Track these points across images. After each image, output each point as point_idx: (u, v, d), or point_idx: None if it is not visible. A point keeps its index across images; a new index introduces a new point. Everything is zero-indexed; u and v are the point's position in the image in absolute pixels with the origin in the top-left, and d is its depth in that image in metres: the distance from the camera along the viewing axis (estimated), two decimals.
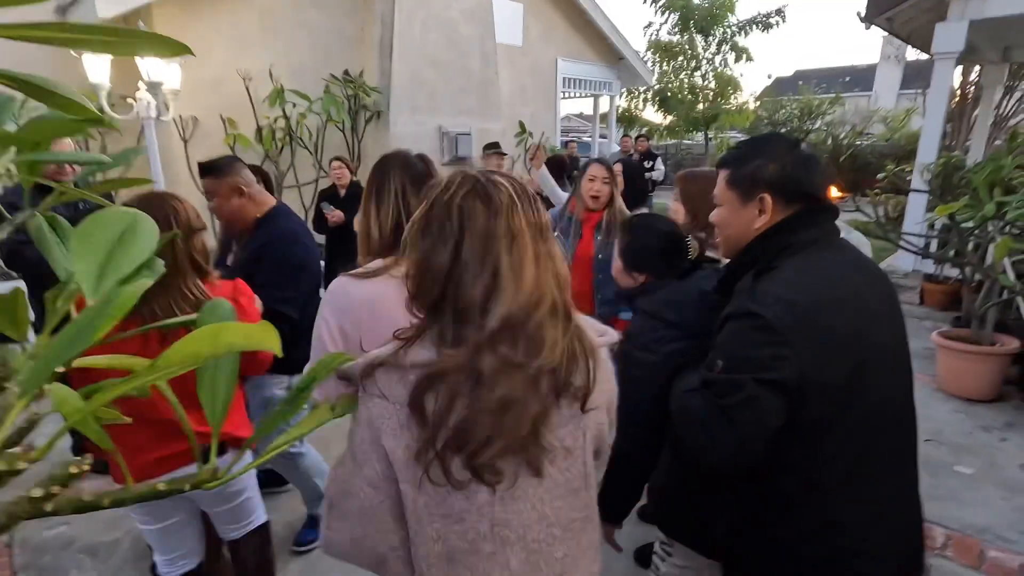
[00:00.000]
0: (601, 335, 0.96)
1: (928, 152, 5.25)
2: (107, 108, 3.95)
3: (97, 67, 3.77)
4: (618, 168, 2.99)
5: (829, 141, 15.84)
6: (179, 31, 5.06)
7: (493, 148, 5.05)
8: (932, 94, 5.25)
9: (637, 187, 3.19)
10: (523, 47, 8.16)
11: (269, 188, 3.98)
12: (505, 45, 7.58)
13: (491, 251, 0.82)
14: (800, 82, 23.52)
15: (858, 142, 15.46)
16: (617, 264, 1.66)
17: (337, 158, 4.66)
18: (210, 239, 1.83)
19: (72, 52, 3.78)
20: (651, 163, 8.50)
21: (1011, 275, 3.53)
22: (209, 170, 2.19)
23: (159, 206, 1.51)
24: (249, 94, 5.44)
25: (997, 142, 9.09)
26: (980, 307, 3.75)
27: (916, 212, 5.32)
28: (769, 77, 25.74)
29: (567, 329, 0.86)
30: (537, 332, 0.82)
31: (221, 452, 1.63)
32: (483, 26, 6.76)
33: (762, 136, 1.31)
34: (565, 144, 9.14)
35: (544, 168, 3.47)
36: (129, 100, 4.06)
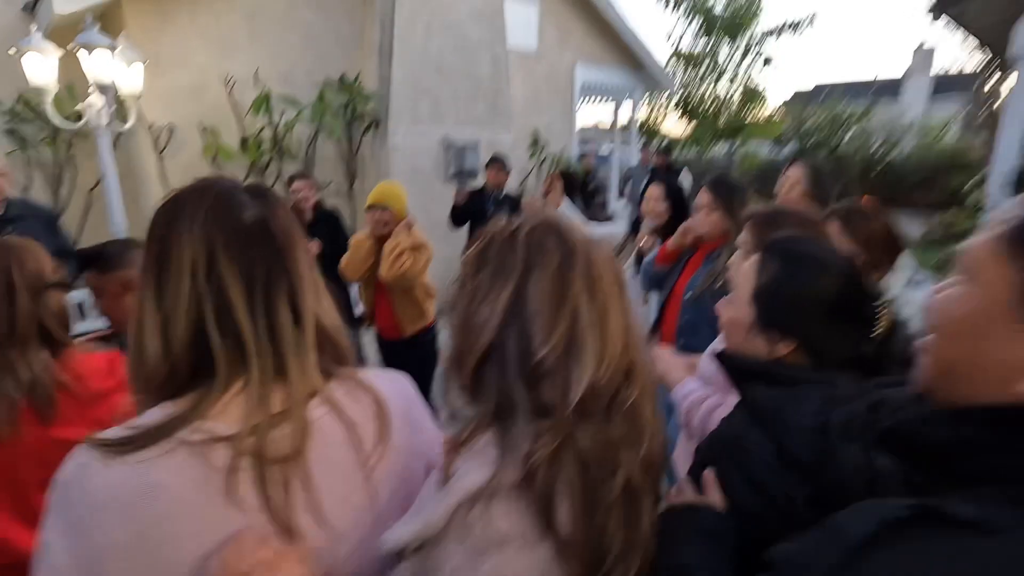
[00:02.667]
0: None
1: (1005, 163, 4.53)
2: (52, 115, 3.41)
3: (38, 66, 3.23)
4: (657, 193, 2.49)
5: (859, 153, 15.05)
6: (153, 31, 4.56)
7: (495, 161, 4.44)
8: (1012, 98, 4.55)
9: (685, 212, 2.61)
10: (538, 52, 7.58)
11: None
12: (518, 50, 7.01)
13: (567, 296, 0.65)
14: (822, 97, 22.72)
15: (892, 154, 14.65)
16: (740, 312, 0.99)
17: (300, 175, 3.82)
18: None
19: (10, 51, 3.26)
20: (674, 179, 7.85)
21: None
22: (91, 261, 1.62)
23: None
24: (233, 100, 4.91)
25: None
26: None
27: None
28: (791, 92, 24.92)
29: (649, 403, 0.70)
30: (632, 408, 0.66)
31: None
32: (493, 29, 6.19)
33: None
34: (580, 157, 8.51)
35: (565, 200, 2.95)
36: (77, 107, 3.52)
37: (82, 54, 3.24)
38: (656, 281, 2.45)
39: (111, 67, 3.36)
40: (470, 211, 4.33)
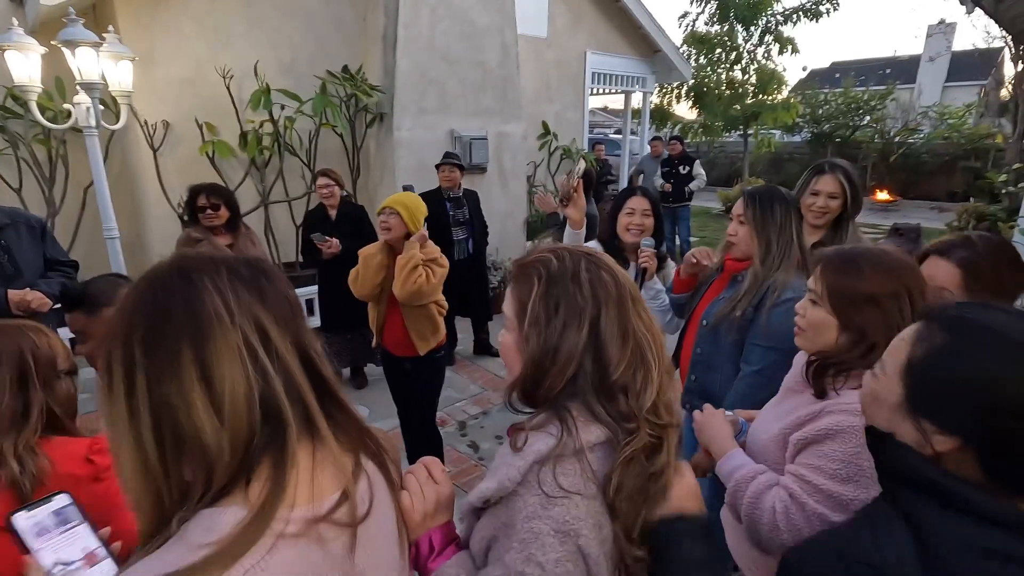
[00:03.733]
0: None
1: None
2: (37, 114, 3.21)
3: (21, 64, 3.03)
4: (644, 206, 2.39)
5: (877, 139, 14.64)
6: (146, 22, 4.33)
7: (447, 160, 4.19)
8: None
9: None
10: (548, 39, 7.28)
11: (233, 213, 3.23)
12: (528, 36, 6.71)
13: (628, 320, 0.82)
14: (837, 75, 22.14)
15: (911, 140, 14.24)
16: (887, 386, 0.80)
17: (323, 172, 3.85)
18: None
19: None
20: (687, 168, 7.54)
21: None
22: (77, 302, 1.46)
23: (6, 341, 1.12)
24: (231, 94, 4.69)
25: None
26: None
27: None
28: (804, 70, 24.23)
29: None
30: (668, 398, 0.84)
31: None
32: (502, 15, 5.90)
33: None
34: (592, 146, 8.23)
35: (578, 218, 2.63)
36: (66, 106, 3.32)
37: (66, 52, 3.03)
38: (679, 308, 2.24)
39: (98, 65, 3.14)
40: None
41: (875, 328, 1.08)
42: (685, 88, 11.04)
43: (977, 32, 24.44)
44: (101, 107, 3.27)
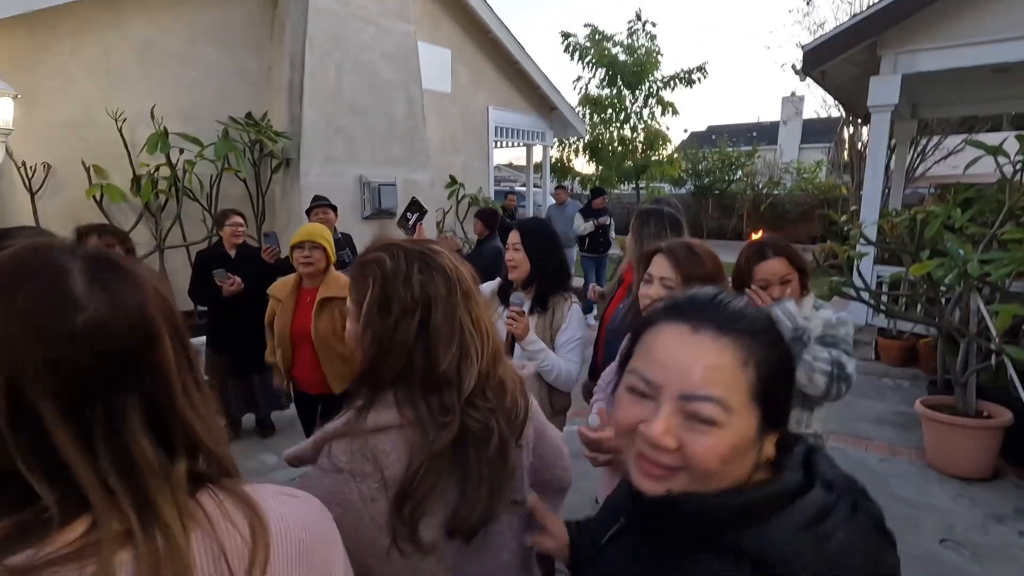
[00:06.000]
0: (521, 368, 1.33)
1: (872, 205, 5.14)
2: None
3: None
4: (515, 239, 2.07)
5: (748, 191, 16.59)
6: (27, 60, 4.15)
7: (319, 201, 4.13)
8: (872, 146, 5.20)
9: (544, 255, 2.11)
10: (452, 94, 7.72)
11: (129, 254, 3.11)
12: (433, 91, 7.09)
13: (455, 317, 0.88)
14: (713, 136, 24.96)
15: (776, 191, 16.26)
16: (733, 434, 0.60)
17: (234, 211, 3.76)
18: None
19: None
20: (609, 219, 7.52)
21: (995, 333, 3.23)
22: None
23: None
24: (123, 137, 4.53)
25: (907, 192, 9.57)
26: (962, 371, 3.43)
27: (865, 265, 5.16)
28: (685, 132, 27.18)
29: (509, 369, 0.97)
30: (499, 380, 0.92)
31: None
32: (407, 70, 6.23)
33: None
34: (505, 195, 8.62)
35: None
36: None
37: None
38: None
39: None
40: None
41: None
42: (582, 143, 11.97)
43: (815, 100, 28.73)
44: None
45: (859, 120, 9.57)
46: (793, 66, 5.12)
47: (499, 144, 9.19)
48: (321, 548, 0.61)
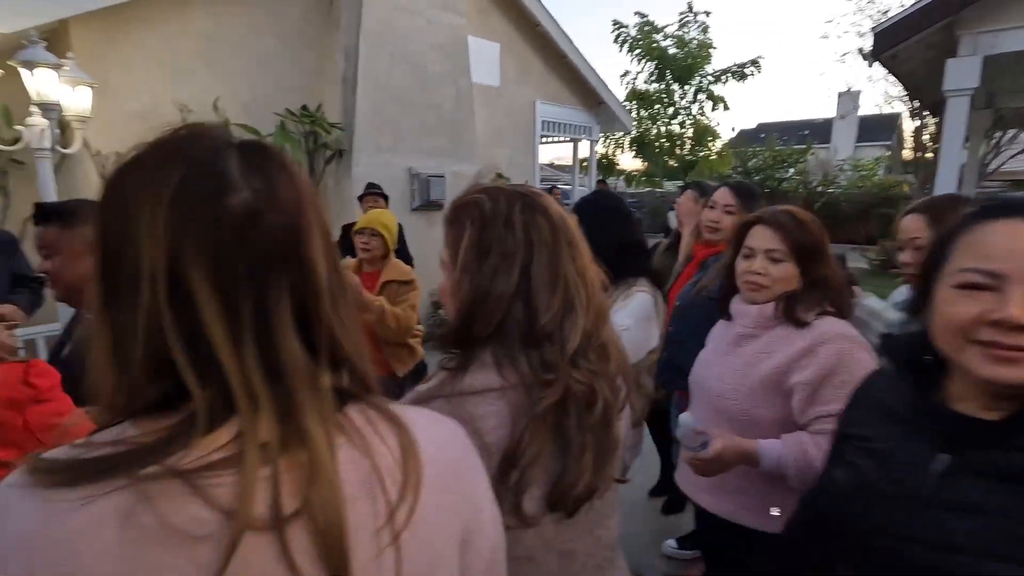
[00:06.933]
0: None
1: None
2: None
3: None
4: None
5: (800, 189, 15.95)
6: (100, 53, 4.34)
7: (373, 189, 4.22)
8: (947, 134, 4.87)
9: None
10: (500, 87, 7.70)
11: None
12: (481, 85, 7.09)
13: (560, 266, 0.80)
14: (762, 135, 24.16)
15: (830, 190, 15.58)
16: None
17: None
18: None
19: None
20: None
21: None
22: (55, 214, 1.40)
23: None
24: None
25: (977, 189, 9.01)
26: None
27: None
28: (733, 129, 26.35)
29: (612, 332, 0.88)
30: (601, 342, 0.83)
31: None
32: (457, 63, 6.25)
33: None
34: (549, 191, 8.59)
35: None
36: (18, 127, 3.26)
37: (23, 72, 3.01)
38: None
39: (56, 87, 3.14)
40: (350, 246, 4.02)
41: (825, 269, 1.31)
42: (628, 139, 11.80)
43: (878, 93, 27.47)
44: (57, 129, 3.24)
45: (927, 111, 9.06)
46: (860, 50, 4.85)
47: (545, 139, 9.13)
48: (468, 474, 0.58)
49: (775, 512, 1.22)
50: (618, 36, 11.27)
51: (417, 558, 0.49)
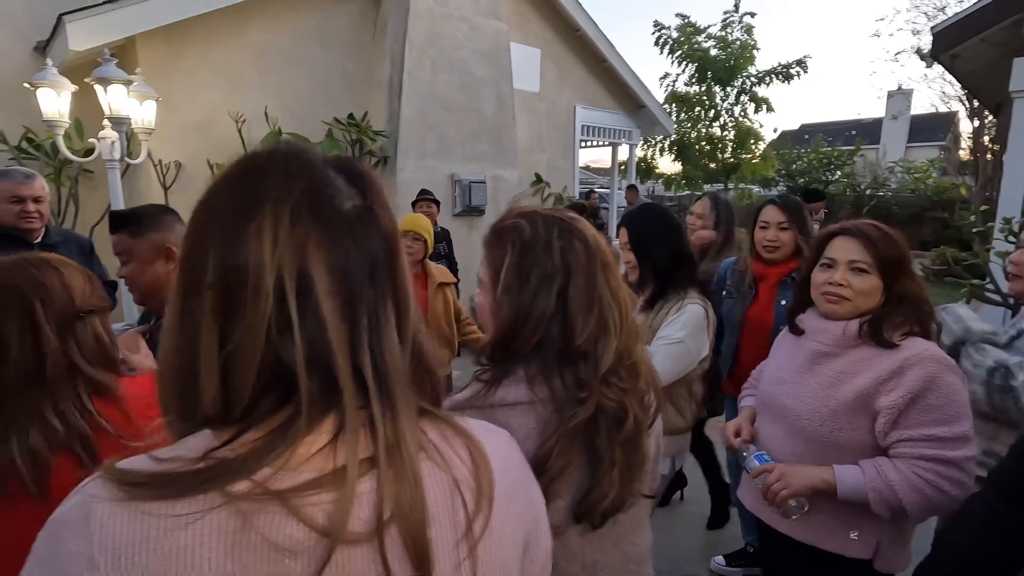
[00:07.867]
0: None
1: (1012, 203, 4.59)
2: (63, 148, 3.34)
3: (52, 101, 3.18)
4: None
5: (848, 192, 15.40)
6: (164, 67, 4.56)
7: (426, 195, 4.33)
8: (1013, 136, 4.63)
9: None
10: (540, 93, 7.72)
11: None
12: (522, 90, 7.12)
13: (595, 288, 0.84)
14: (806, 136, 23.42)
15: (880, 193, 14.98)
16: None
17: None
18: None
19: (25, 84, 3.21)
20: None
21: None
22: (124, 222, 1.48)
23: (14, 280, 0.93)
24: (242, 137, 4.88)
25: None
26: None
27: (997, 271, 4.62)
28: (775, 131, 25.65)
29: (642, 352, 0.91)
30: (632, 361, 0.87)
31: None
32: (499, 69, 6.30)
33: None
34: (587, 195, 8.56)
35: None
36: (91, 140, 3.46)
37: (98, 88, 3.20)
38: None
39: (126, 102, 3.32)
40: None
41: (911, 285, 1.27)
42: (668, 142, 11.61)
43: (933, 93, 26.16)
44: (126, 140, 3.42)
45: (987, 113, 8.62)
46: (918, 50, 4.65)
47: (585, 144, 9.09)
48: (529, 483, 0.60)
49: (854, 536, 1.19)
50: (659, 38, 11.12)
51: (490, 568, 0.51)
